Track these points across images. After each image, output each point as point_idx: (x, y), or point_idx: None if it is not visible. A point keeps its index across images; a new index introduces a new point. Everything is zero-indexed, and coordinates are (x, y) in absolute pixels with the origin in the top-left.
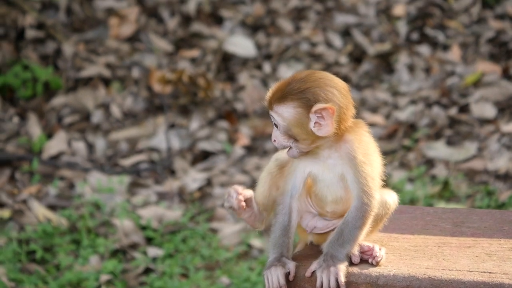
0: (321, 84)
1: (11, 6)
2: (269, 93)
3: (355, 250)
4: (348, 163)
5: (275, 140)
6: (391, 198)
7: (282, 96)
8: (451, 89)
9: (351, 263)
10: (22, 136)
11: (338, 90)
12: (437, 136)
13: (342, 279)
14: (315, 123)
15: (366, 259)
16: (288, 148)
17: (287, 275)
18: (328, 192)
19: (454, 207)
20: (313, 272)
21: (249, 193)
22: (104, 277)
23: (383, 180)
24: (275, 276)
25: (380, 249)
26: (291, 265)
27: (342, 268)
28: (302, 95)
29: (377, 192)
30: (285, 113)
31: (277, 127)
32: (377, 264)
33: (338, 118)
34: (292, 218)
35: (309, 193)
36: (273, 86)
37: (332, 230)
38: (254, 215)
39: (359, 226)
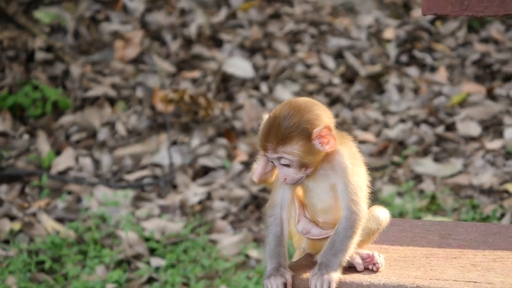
0: (307, 110)
1: (21, 30)
2: (267, 140)
3: (357, 258)
4: (340, 174)
5: (285, 179)
6: (383, 214)
7: (284, 138)
8: (438, 109)
9: (354, 271)
10: (32, 152)
11: (320, 109)
12: (425, 152)
13: (333, 287)
14: (320, 143)
15: (367, 266)
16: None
17: (285, 284)
18: (318, 202)
19: (441, 220)
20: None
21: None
22: (110, 286)
23: (370, 192)
24: (274, 285)
25: (379, 256)
26: (288, 276)
27: (335, 278)
28: (300, 128)
29: (364, 202)
30: (294, 150)
31: (288, 166)
32: (377, 270)
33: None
34: (284, 228)
35: (303, 202)
36: (265, 132)
37: (326, 238)
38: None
39: (350, 235)
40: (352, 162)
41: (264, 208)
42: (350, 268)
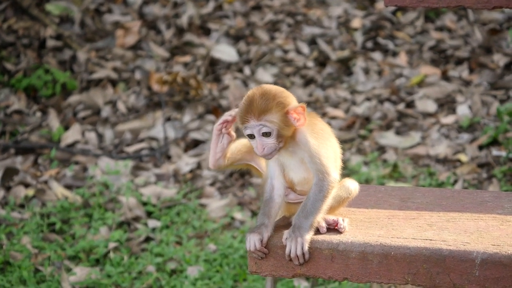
0: (280, 91)
1: (34, 21)
2: (249, 112)
3: (322, 222)
4: (304, 148)
5: (264, 149)
6: (353, 186)
7: (265, 108)
8: (399, 88)
9: (318, 233)
10: (44, 128)
11: (288, 93)
12: (387, 127)
13: (306, 247)
14: (294, 118)
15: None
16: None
17: (261, 240)
18: (294, 175)
19: (401, 186)
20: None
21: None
22: (112, 245)
23: (342, 161)
24: (252, 240)
25: (343, 221)
26: (265, 234)
27: (307, 238)
28: (277, 102)
29: (333, 169)
30: (274, 119)
31: (266, 135)
32: (343, 231)
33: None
34: (274, 193)
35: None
36: (246, 105)
37: (300, 202)
38: (221, 149)
39: (320, 199)
40: (315, 137)
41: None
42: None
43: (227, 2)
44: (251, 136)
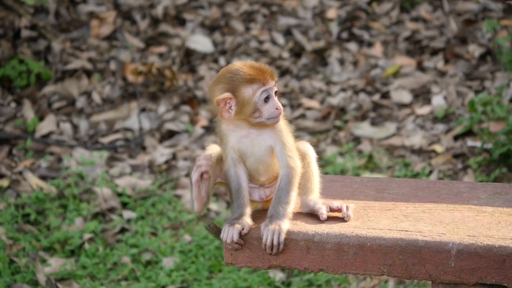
0: None
1: (8, 10)
2: (267, 72)
3: (322, 209)
4: (277, 135)
5: (281, 109)
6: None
7: (273, 70)
8: (374, 79)
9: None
10: (18, 118)
11: None
12: (363, 117)
13: (282, 237)
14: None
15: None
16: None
17: (240, 232)
18: (259, 165)
19: (377, 177)
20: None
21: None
22: (87, 236)
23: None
24: (230, 233)
25: (347, 208)
26: (246, 225)
27: (284, 228)
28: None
29: (298, 159)
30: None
31: (276, 94)
32: (348, 219)
33: None
34: (241, 181)
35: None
36: (261, 68)
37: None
38: (204, 192)
39: (291, 188)
40: (284, 125)
41: (223, 170)
42: (314, 216)
43: None
44: (266, 99)
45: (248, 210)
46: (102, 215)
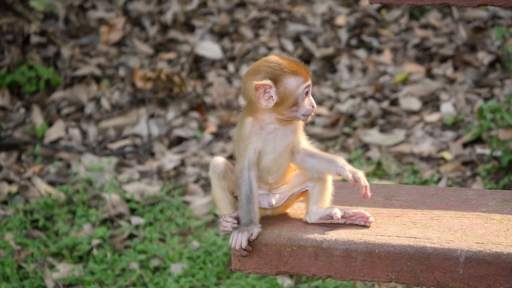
0: None
1: (18, 17)
2: (306, 70)
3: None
4: (297, 132)
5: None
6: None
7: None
8: (383, 86)
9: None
10: (27, 124)
11: None
12: (371, 124)
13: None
14: None
15: (353, 222)
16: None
17: (249, 239)
18: (275, 163)
19: (385, 183)
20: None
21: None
22: (95, 241)
23: None
24: (239, 239)
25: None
26: (255, 231)
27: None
28: None
29: None
30: None
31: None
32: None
33: None
34: (253, 186)
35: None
36: (300, 66)
37: (288, 199)
38: None
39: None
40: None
41: (235, 171)
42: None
43: None
44: (306, 94)
45: (257, 217)
46: (110, 221)
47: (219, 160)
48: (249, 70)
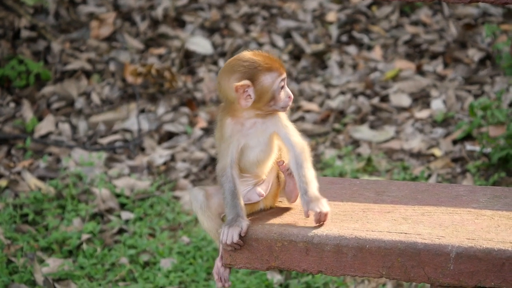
0: None
1: (8, 11)
2: (281, 62)
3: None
4: (279, 122)
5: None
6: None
7: None
8: (373, 82)
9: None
10: (17, 119)
11: None
12: (362, 121)
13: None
14: None
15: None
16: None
17: (240, 232)
18: (262, 155)
19: (376, 179)
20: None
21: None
22: (85, 236)
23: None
24: (230, 234)
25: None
26: (244, 225)
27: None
28: None
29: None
30: None
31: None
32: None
33: None
34: (236, 183)
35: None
36: (274, 59)
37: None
38: None
39: (310, 165)
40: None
41: (216, 170)
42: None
43: None
44: (281, 87)
45: (243, 210)
46: (100, 216)
47: (197, 192)
48: (223, 69)
